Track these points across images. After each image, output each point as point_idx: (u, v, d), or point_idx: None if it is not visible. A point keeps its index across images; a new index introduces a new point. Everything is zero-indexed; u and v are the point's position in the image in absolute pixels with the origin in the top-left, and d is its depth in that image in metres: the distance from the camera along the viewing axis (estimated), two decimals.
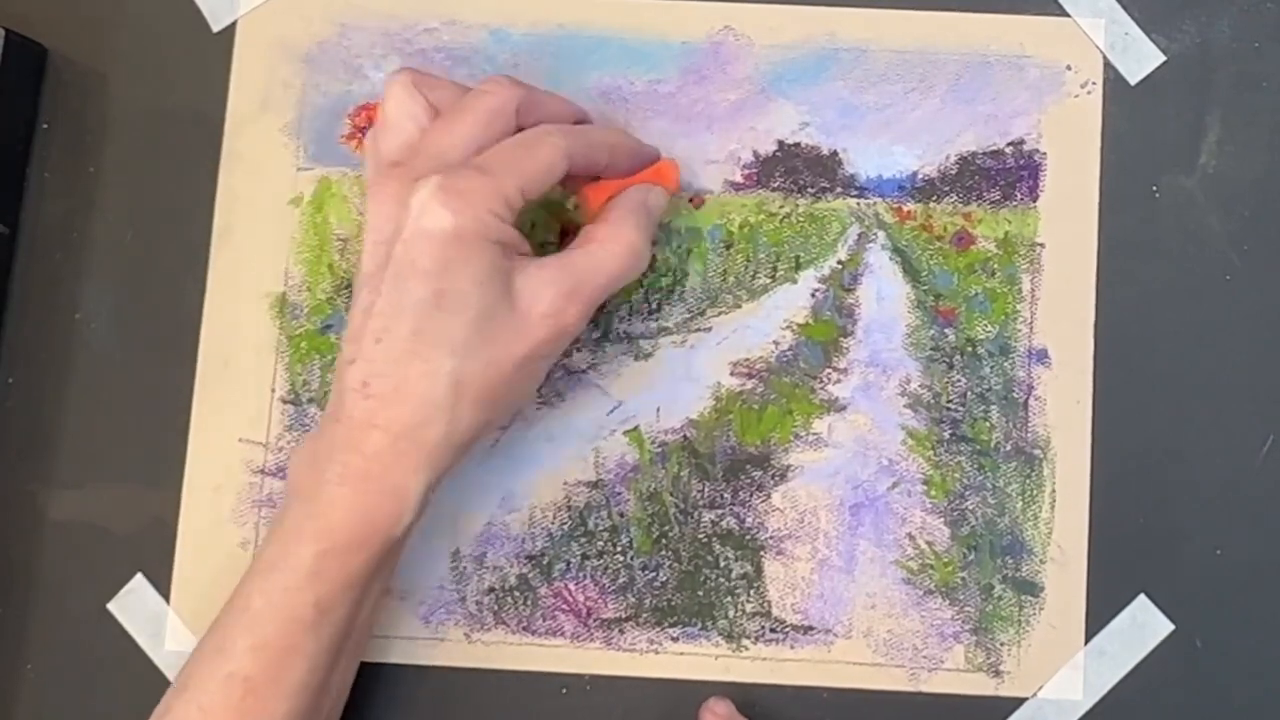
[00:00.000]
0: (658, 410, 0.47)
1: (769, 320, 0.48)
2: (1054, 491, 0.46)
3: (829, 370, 0.47)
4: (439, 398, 0.39)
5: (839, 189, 0.48)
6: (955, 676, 0.46)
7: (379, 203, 0.40)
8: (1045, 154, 0.48)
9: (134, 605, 0.46)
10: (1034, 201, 0.48)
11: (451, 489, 0.46)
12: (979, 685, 0.46)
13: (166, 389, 0.47)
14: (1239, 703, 0.46)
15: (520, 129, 0.42)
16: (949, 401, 0.47)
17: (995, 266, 0.48)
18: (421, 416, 0.39)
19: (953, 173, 0.48)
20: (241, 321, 0.47)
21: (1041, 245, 0.48)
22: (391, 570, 0.43)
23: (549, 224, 0.47)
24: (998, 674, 0.46)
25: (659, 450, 0.47)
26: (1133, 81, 0.48)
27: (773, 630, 0.46)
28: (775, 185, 0.48)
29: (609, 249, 0.42)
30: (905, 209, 0.48)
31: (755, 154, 0.48)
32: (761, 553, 0.46)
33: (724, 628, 0.46)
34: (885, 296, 0.48)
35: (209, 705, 0.39)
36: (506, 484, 0.47)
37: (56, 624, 0.46)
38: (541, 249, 0.46)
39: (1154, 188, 0.48)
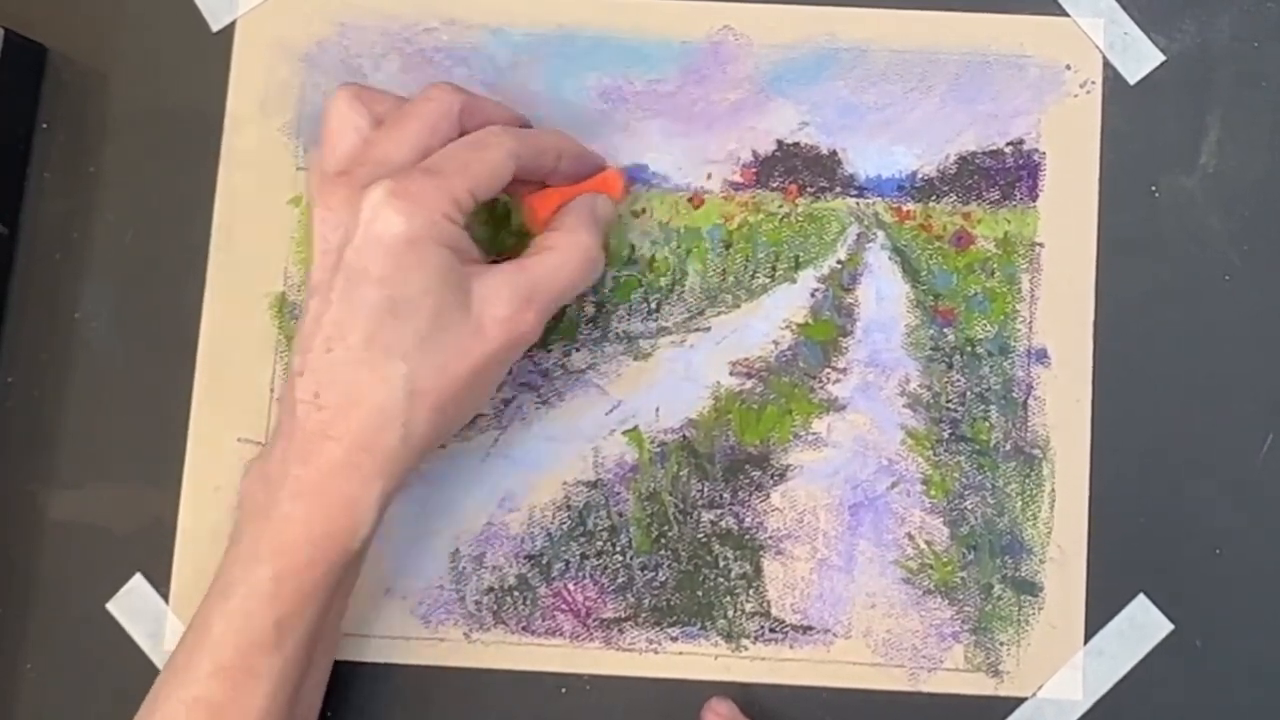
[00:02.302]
0: (657, 410, 0.47)
1: (768, 320, 0.48)
2: (1053, 491, 0.46)
3: (828, 370, 0.47)
4: (393, 405, 0.38)
5: (838, 189, 0.48)
6: (955, 676, 0.46)
7: (327, 209, 0.40)
8: (1045, 153, 0.48)
9: (133, 605, 0.46)
10: (1033, 201, 0.48)
11: (450, 489, 0.46)
12: (978, 685, 0.46)
13: (166, 389, 0.47)
14: (1238, 703, 0.46)
15: (463, 134, 0.42)
16: (948, 401, 0.47)
17: (995, 266, 0.48)
18: (376, 424, 0.38)
19: (952, 172, 0.48)
20: (241, 321, 0.47)
21: (1041, 245, 0.48)
22: (353, 582, 0.43)
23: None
24: (997, 674, 0.46)
25: (658, 450, 0.47)
26: (1132, 81, 0.48)
27: (772, 630, 0.46)
28: (774, 185, 0.48)
29: (565, 256, 0.42)
30: (905, 209, 0.48)
31: (755, 154, 0.48)
32: (761, 552, 0.46)
33: (723, 627, 0.46)
34: (884, 296, 0.48)
35: None
36: (506, 484, 0.47)
37: (56, 624, 0.46)
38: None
39: (1153, 187, 0.48)
